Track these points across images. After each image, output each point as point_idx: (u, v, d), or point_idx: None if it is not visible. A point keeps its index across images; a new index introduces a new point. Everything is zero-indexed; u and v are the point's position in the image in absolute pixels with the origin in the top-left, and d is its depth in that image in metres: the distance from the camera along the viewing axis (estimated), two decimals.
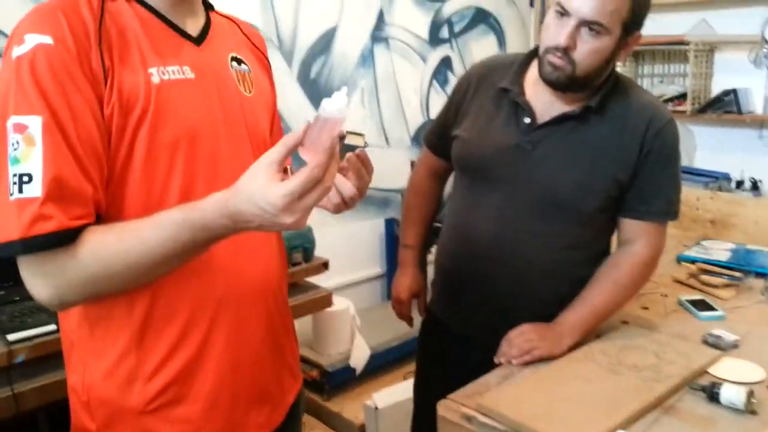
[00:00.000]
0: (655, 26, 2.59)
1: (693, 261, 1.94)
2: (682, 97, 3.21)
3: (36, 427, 1.57)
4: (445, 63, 3.49)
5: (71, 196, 0.81)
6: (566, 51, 1.26)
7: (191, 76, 0.93)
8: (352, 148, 0.91)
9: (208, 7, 1.05)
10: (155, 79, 0.89)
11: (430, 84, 3.44)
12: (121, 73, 0.86)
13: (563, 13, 1.25)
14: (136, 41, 0.89)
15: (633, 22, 1.27)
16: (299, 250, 2.01)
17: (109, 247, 0.82)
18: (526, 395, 1.16)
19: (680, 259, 1.99)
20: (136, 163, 0.88)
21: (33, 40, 0.82)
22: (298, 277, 2.02)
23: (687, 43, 3.11)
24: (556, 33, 1.27)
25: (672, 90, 3.27)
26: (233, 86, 1.00)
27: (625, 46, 1.31)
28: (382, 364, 2.85)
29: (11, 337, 1.39)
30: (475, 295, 1.44)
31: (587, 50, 1.26)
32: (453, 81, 3.50)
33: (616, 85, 1.37)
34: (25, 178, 0.79)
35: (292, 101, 2.81)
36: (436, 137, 1.60)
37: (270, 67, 1.16)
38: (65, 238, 0.81)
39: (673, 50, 3.28)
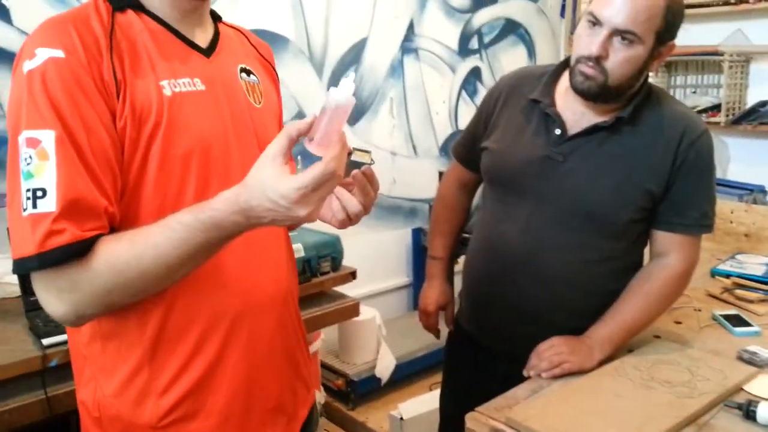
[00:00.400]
0: (689, 36, 2.54)
1: (727, 275, 1.91)
2: (715, 108, 3.15)
3: (68, 430, 1.59)
4: (475, 73, 3.49)
5: (85, 210, 0.81)
6: (598, 60, 1.25)
7: (202, 88, 0.93)
8: (358, 164, 0.90)
9: (216, 18, 1.05)
10: (167, 92, 0.89)
11: (459, 94, 3.44)
12: (133, 86, 0.86)
13: (595, 22, 1.24)
14: (146, 53, 0.89)
15: (666, 31, 1.26)
16: (327, 259, 2.01)
17: (122, 255, 0.81)
18: (556, 409, 1.14)
19: (714, 273, 1.95)
20: (149, 176, 0.87)
21: (44, 53, 0.81)
22: (326, 286, 2.02)
23: (721, 54, 3.06)
24: (588, 42, 1.26)
25: (705, 101, 3.21)
26: (243, 97, 1.00)
27: (658, 56, 1.29)
28: (407, 375, 2.85)
29: (46, 341, 1.41)
30: (504, 307, 1.43)
31: (619, 60, 1.24)
32: (482, 92, 3.50)
33: (649, 95, 1.35)
34: (39, 193, 0.79)
35: None
36: (465, 149, 1.60)
37: (277, 77, 1.16)
38: (79, 250, 0.80)
39: (707, 61, 3.23)
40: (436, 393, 1.73)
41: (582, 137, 1.34)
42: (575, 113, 1.36)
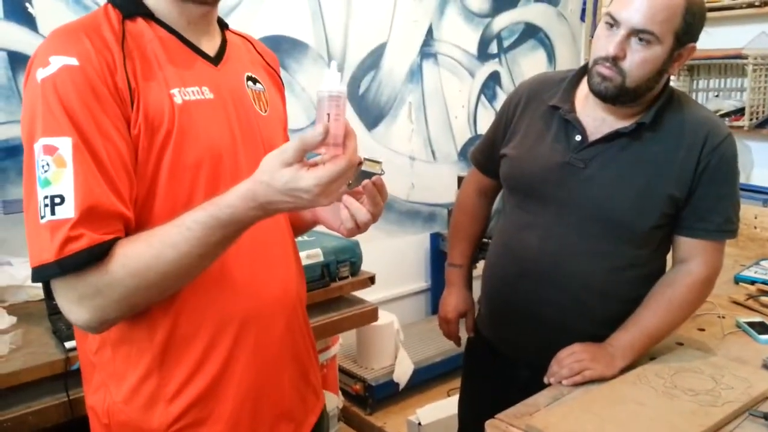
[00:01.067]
0: (712, 39, 2.51)
1: (752, 281, 1.88)
2: (739, 111, 3.11)
3: None
4: (494, 78, 3.47)
5: (103, 216, 0.81)
6: (615, 61, 1.24)
7: (210, 97, 0.94)
8: (369, 174, 0.91)
9: (223, 26, 1.06)
10: (177, 100, 0.89)
11: (478, 99, 3.43)
12: (146, 94, 0.87)
13: (613, 23, 1.24)
14: (157, 62, 0.90)
15: (686, 33, 1.24)
16: (346, 264, 2.02)
17: (141, 257, 0.82)
18: (577, 417, 1.13)
19: (738, 280, 1.92)
20: (160, 184, 0.88)
21: (58, 62, 0.82)
22: (345, 291, 2.03)
23: (745, 57, 3.02)
24: (605, 43, 1.25)
25: (728, 105, 3.17)
26: (249, 106, 1.01)
27: (678, 58, 1.28)
28: (425, 380, 2.84)
29: (69, 344, 1.43)
30: (524, 314, 1.41)
31: (637, 60, 1.23)
32: (501, 96, 3.48)
33: (671, 99, 1.34)
34: (57, 200, 0.79)
35: None
36: (484, 156, 1.59)
37: (282, 86, 1.17)
38: (98, 254, 0.80)
39: (730, 64, 3.18)
40: (454, 398, 1.72)
41: (603, 143, 1.33)
42: (596, 119, 1.35)
